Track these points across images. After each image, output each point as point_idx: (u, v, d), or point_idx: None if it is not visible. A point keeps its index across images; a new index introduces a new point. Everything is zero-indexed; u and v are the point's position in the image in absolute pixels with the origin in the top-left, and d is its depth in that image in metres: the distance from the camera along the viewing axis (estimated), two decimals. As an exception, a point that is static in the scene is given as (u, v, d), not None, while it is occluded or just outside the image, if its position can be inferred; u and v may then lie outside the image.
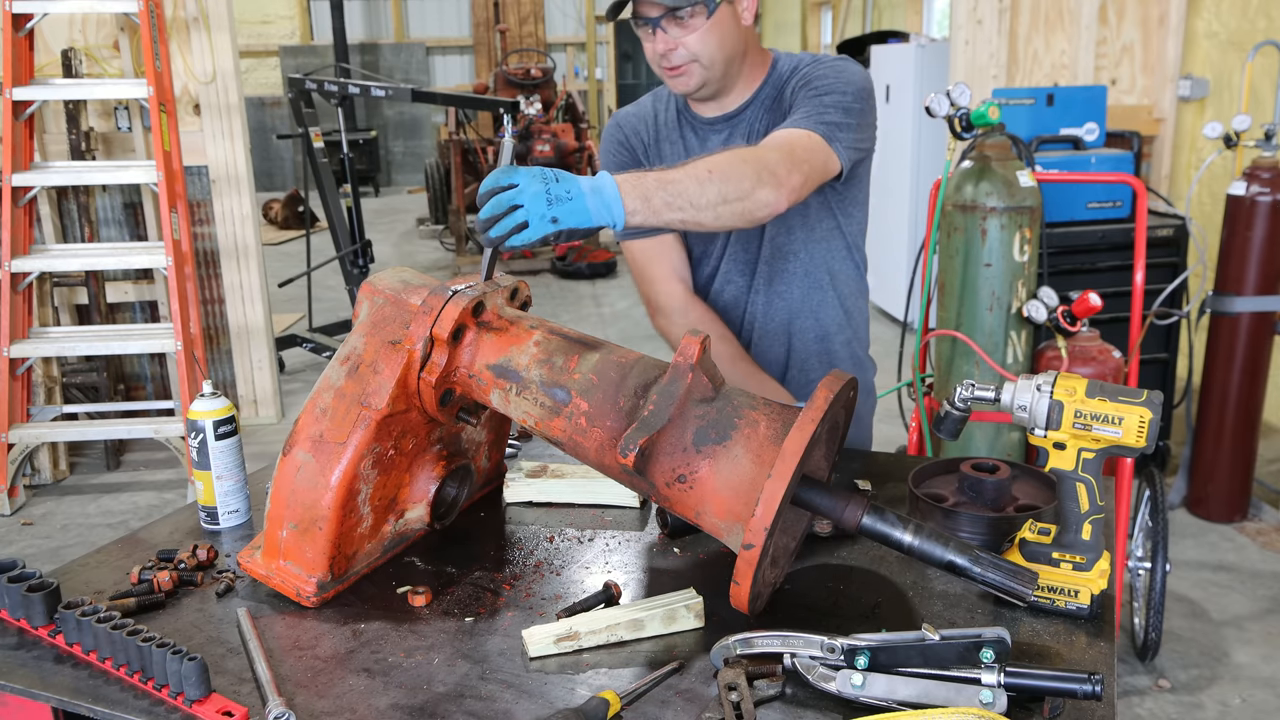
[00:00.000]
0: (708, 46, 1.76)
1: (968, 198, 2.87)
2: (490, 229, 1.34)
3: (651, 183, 1.44)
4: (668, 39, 1.75)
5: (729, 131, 1.90)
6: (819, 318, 2.00)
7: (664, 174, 1.47)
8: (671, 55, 1.77)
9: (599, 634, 1.29)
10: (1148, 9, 4.62)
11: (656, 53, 1.78)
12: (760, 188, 1.52)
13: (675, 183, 1.45)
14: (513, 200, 1.34)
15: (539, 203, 1.34)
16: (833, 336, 2.02)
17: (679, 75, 1.80)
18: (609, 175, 1.42)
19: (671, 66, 1.79)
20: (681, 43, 1.75)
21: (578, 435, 1.37)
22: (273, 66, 13.86)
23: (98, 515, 4.14)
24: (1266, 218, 3.50)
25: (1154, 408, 1.25)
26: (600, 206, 1.38)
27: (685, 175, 1.47)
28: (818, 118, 1.71)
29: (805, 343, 2.00)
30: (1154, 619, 2.85)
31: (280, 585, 1.41)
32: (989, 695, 1.10)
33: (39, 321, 4.37)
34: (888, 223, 6.66)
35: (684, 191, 1.45)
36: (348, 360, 1.42)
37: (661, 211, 1.44)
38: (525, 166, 1.38)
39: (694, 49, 1.76)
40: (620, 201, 1.39)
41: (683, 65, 1.78)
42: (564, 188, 1.35)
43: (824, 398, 1.24)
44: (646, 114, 2.01)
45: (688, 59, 1.77)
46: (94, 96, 4.28)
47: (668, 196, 1.44)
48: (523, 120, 8.02)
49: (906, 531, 1.28)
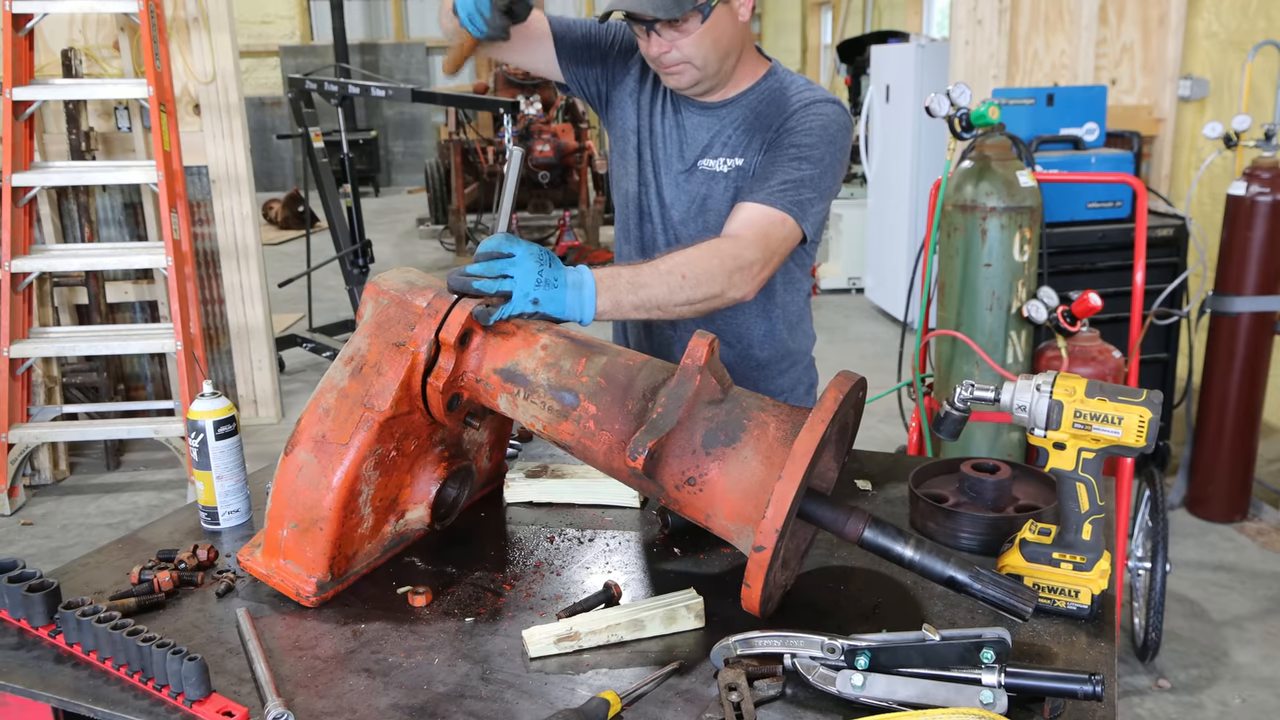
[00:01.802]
0: (702, 49, 1.75)
1: (968, 198, 2.87)
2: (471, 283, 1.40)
3: (624, 286, 1.52)
4: (662, 42, 1.75)
5: (712, 117, 1.89)
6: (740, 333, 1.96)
7: (637, 275, 1.54)
8: (666, 57, 1.76)
9: (599, 634, 1.29)
10: (1148, 9, 4.62)
11: (651, 54, 1.78)
12: (731, 289, 1.62)
13: (647, 287, 1.54)
14: (505, 269, 1.41)
15: (528, 281, 1.42)
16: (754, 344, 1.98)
17: (674, 74, 1.80)
18: (590, 274, 1.49)
19: (666, 67, 1.79)
20: (676, 45, 1.74)
21: (586, 439, 1.37)
22: (273, 66, 13.86)
23: (98, 515, 4.14)
24: (1266, 218, 3.50)
25: (1154, 408, 1.25)
26: (576, 303, 1.46)
27: (659, 279, 1.55)
28: (793, 195, 1.73)
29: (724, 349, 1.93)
30: (1154, 619, 2.86)
31: (280, 584, 1.41)
32: (989, 695, 1.10)
33: (39, 321, 4.37)
34: (888, 223, 6.67)
35: (654, 296, 1.54)
36: (351, 361, 1.42)
37: (629, 313, 1.54)
38: (526, 242, 1.45)
39: (688, 52, 1.75)
40: (594, 304, 1.48)
41: (677, 65, 1.78)
42: (553, 275, 1.44)
43: (833, 398, 1.24)
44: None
45: (682, 60, 1.76)
46: (94, 96, 4.28)
47: (637, 300, 1.53)
48: (523, 120, 8.01)
49: (908, 546, 1.28)
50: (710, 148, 1.88)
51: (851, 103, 8.74)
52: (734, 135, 1.86)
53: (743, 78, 1.88)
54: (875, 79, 6.83)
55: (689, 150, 1.90)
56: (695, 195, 1.89)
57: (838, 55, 8.88)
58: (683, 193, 1.91)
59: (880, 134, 6.75)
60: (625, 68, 1.97)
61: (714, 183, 1.87)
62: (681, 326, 1.97)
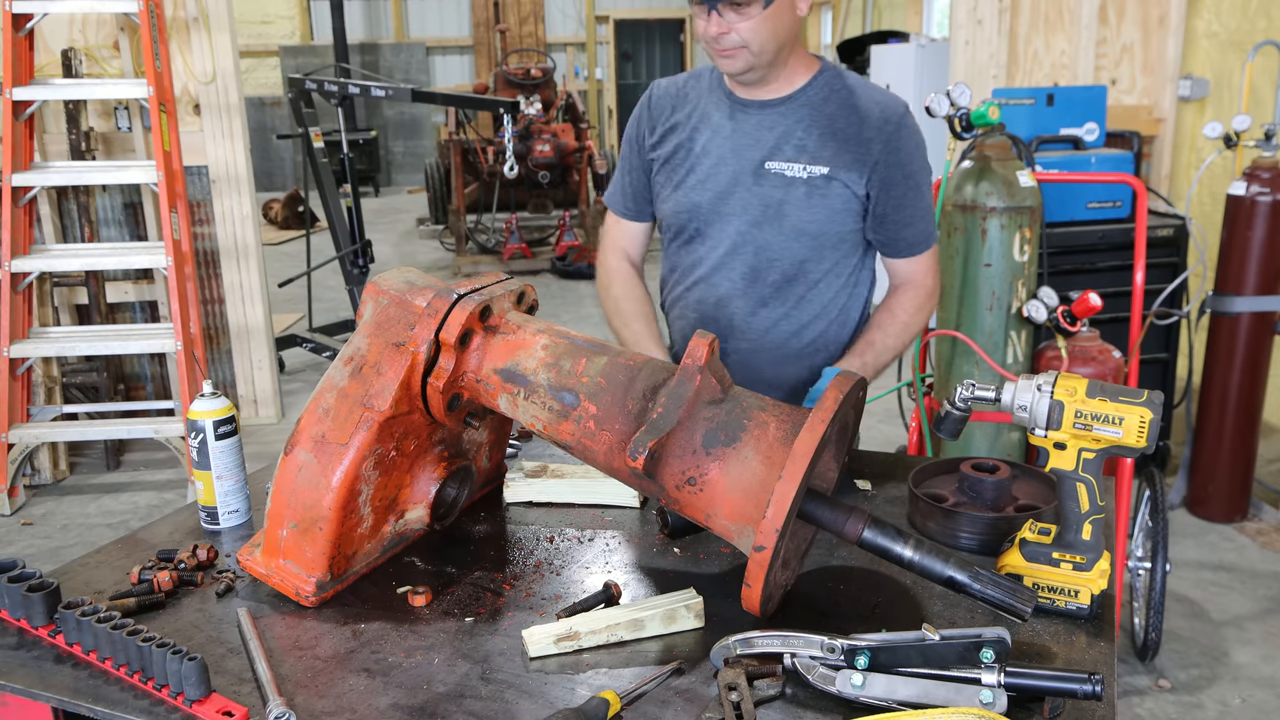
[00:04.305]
0: (760, 35, 1.76)
1: (968, 198, 2.87)
2: None
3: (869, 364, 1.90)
4: (722, 23, 1.75)
5: (763, 117, 1.89)
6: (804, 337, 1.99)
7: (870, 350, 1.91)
8: (723, 39, 1.77)
9: (599, 634, 1.29)
10: (1148, 9, 4.62)
11: (709, 34, 1.78)
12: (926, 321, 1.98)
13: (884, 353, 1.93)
14: None
15: None
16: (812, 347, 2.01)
17: (728, 57, 1.80)
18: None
19: (722, 49, 1.79)
20: (735, 28, 1.75)
21: (586, 439, 1.37)
22: (273, 66, 13.85)
23: (98, 515, 4.14)
24: (1266, 218, 3.50)
25: (1154, 408, 1.25)
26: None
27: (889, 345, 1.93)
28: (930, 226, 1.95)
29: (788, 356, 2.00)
30: (1154, 619, 2.85)
31: (279, 584, 1.41)
32: (989, 695, 1.10)
33: (39, 321, 4.37)
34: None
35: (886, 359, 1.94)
36: (351, 361, 1.42)
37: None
38: None
39: (746, 36, 1.76)
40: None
41: (733, 49, 1.78)
42: None
43: (833, 398, 1.24)
44: (691, 82, 2.00)
45: (739, 44, 1.77)
46: (94, 96, 4.28)
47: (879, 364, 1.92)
48: (523, 120, 8.01)
49: (907, 547, 1.28)
50: (780, 149, 1.86)
51: (851, 103, 8.73)
52: (805, 137, 1.85)
53: (796, 73, 1.88)
54: (875, 79, 6.83)
55: (755, 152, 1.88)
56: (770, 200, 1.87)
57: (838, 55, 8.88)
58: (754, 196, 1.88)
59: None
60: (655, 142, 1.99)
61: (791, 188, 1.85)
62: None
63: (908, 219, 1.87)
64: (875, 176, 1.84)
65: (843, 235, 1.89)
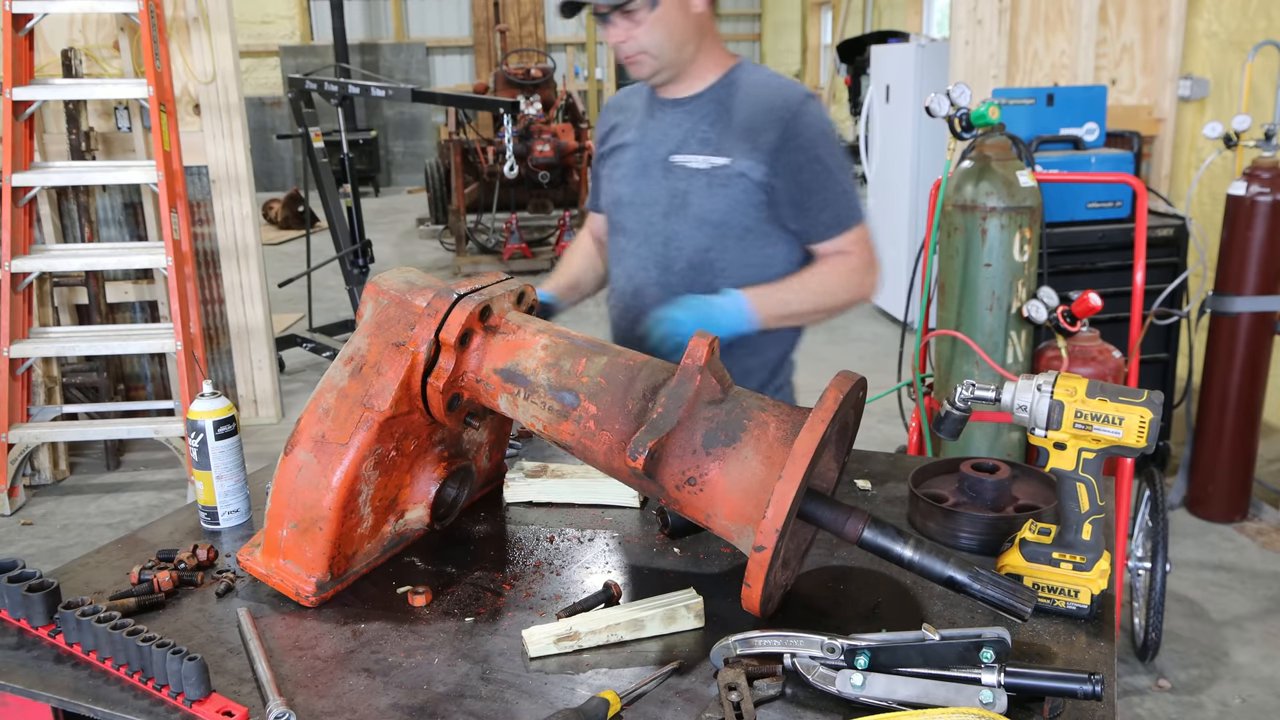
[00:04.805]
0: (655, 37, 1.86)
1: (968, 198, 2.87)
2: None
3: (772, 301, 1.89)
4: (618, 31, 1.87)
5: (675, 114, 1.99)
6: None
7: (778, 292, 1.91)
8: (623, 46, 1.89)
9: (599, 634, 1.29)
10: (1148, 9, 4.62)
11: (612, 43, 1.92)
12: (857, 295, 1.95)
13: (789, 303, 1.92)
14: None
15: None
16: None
17: (633, 64, 1.93)
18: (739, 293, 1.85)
19: (626, 56, 1.91)
20: (631, 35, 1.86)
21: (586, 439, 1.37)
22: (273, 66, 13.86)
23: (98, 515, 4.14)
24: (1266, 218, 3.50)
25: (1154, 408, 1.25)
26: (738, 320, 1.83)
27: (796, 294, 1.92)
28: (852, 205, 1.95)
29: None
30: (1154, 619, 2.85)
31: (279, 584, 1.41)
32: (989, 695, 1.10)
33: (39, 321, 4.37)
34: (888, 223, 6.67)
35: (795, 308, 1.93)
36: (351, 361, 1.42)
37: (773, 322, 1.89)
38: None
39: (643, 41, 1.87)
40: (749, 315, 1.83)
41: (635, 55, 1.90)
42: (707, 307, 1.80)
43: (833, 398, 1.24)
44: (633, 91, 2.15)
45: (639, 49, 1.88)
46: (94, 96, 4.28)
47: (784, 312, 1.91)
48: (523, 120, 8.01)
49: (907, 546, 1.28)
50: (686, 143, 1.96)
51: (851, 103, 8.74)
52: (709, 131, 1.94)
53: (707, 70, 1.97)
54: (875, 79, 6.83)
55: (664, 147, 2.00)
56: (676, 191, 1.97)
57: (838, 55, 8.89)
58: (662, 189, 1.99)
59: (880, 134, 6.75)
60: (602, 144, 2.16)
61: (694, 179, 1.95)
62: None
63: (822, 203, 1.91)
64: (779, 164, 1.90)
65: (747, 225, 1.96)
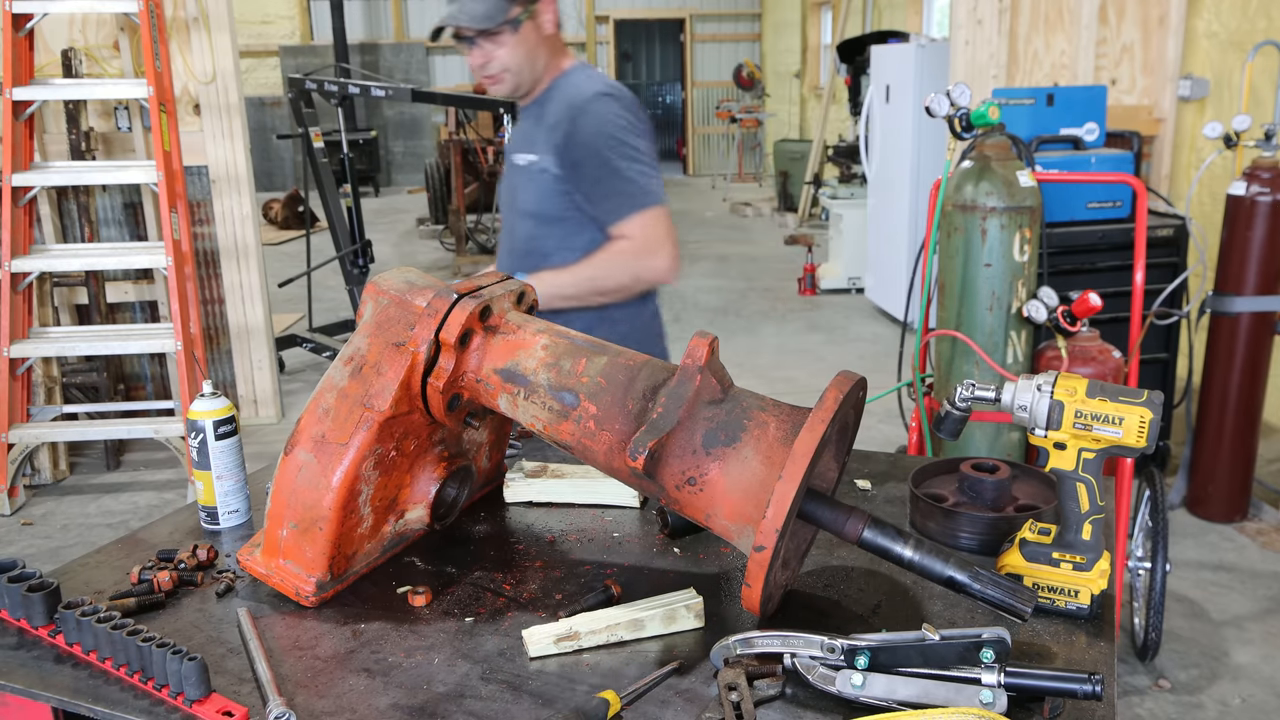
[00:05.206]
0: (516, 57, 2.10)
1: (968, 198, 2.87)
2: None
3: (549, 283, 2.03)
4: (480, 53, 2.10)
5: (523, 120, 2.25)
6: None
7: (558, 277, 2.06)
8: (487, 67, 2.11)
9: (599, 634, 1.29)
10: (1148, 9, 4.62)
11: (474, 65, 2.13)
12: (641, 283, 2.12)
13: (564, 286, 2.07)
14: None
15: None
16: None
17: (495, 82, 2.15)
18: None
19: (488, 75, 2.13)
20: (494, 56, 2.10)
21: (586, 439, 1.37)
22: (273, 66, 13.86)
23: (98, 515, 4.14)
24: (1266, 218, 3.50)
25: (1154, 408, 1.25)
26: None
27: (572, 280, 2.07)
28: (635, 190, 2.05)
29: None
30: (1154, 619, 2.86)
31: (279, 584, 1.41)
32: (989, 695, 1.10)
33: (39, 321, 4.37)
34: (888, 223, 6.67)
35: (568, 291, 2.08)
36: (351, 361, 1.42)
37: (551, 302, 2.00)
38: None
39: (506, 61, 2.11)
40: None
41: (497, 74, 2.12)
42: None
43: (833, 398, 1.24)
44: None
45: (501, 69, 2.11)
46: (94, 96, 4.28)
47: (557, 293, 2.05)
48: (523, 120, 8.01)
49: (907, 546, 1.28)
50: (518, 144, 2.24)
51: (851, 103, 8.74)
52: (533, 131, 2.18)
53: (546, 78, 2.20)
54: (875, 79, 6.84)
55: (512, 149, 2.28)
56: (512, 186, 2.26)
57: (838, 55, 8.88)
58: (506, 186, 2.30)
59: (880, 134, 6.76)
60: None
61: (519, 175, 2.21)
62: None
63: (606, 192, 2.07)
64: (565, 159, 2.09)
65: (557, 215, 2.15)
